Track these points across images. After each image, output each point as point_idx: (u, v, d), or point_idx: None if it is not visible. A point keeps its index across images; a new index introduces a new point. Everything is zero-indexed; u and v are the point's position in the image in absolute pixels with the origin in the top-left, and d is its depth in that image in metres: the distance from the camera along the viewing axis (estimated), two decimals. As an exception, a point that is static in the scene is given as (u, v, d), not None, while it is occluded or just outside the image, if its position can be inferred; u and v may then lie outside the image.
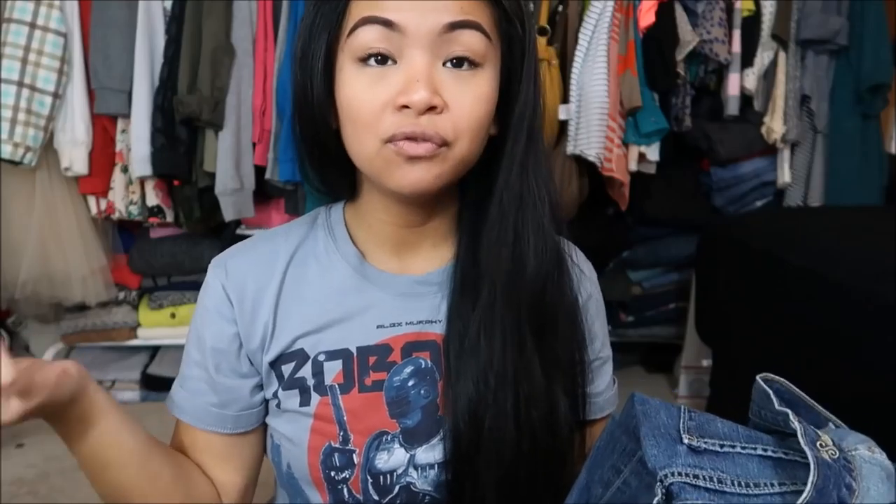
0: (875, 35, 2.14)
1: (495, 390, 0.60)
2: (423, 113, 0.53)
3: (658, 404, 0.48)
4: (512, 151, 0.61)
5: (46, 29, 1.82)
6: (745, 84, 2.14)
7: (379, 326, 0.64)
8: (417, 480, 0.63)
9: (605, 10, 1.95)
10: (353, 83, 0.55)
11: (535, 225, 0.61)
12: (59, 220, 1.98)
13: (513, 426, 0.60)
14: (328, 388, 0.62)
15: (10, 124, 1.79)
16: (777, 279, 1.59)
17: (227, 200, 1.92)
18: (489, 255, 0.62)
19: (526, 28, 0.59)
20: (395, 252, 0.66)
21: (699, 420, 0.48)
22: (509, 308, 0.61)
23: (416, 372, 0.64)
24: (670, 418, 0.47)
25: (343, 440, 0.62)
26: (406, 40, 0.53)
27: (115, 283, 2.16)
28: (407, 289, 0.65)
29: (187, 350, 0.67)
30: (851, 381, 1.28)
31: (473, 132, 0.56)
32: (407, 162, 0.55)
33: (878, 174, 2.25)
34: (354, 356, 0.63)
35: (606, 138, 1.93)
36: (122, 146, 1.96)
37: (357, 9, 0.55)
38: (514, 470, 0.60)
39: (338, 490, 0.63)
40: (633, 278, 2.40)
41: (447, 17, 0.53)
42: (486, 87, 0.56)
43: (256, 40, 1.94)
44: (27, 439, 1.99)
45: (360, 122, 0.55)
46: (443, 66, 0.55)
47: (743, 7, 2.12)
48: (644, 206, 2.21)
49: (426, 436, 0.63)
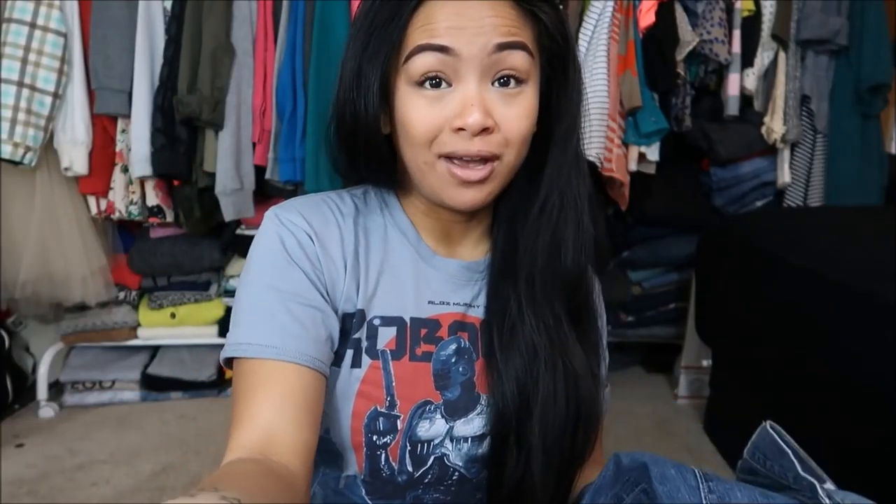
0: (875, 35, 2.14)
1: (545, 361, 0.65)
2: (477, 134, 0.59)
3: (673, 472, 0.49)
4: (559, 157, 0.66)
5: (46, 29, 1.82)
6: (745, 84, 2.14)
7: (430, 302, 0.68)
8: (451, 453, 0.67)
9: (605, 10, 1.95)
10: (412, 104, 0.60)
11: (575, 224, 0.66)
12: (59, 220, 1.98)
13: (563, 394, 0.65)
14: (380, 353, 0.65)
15: (10, 124, 1.79)
16: (777, 279, 1.59)
17: (227, 200, 1.92)
18: (527, 247, 0.67)
19: (568, 41, 0.64)
20: (443, 240, 0.71)
21: (719, 492, 0.48)
22: (546, 293, 0.66)
23: (458, 350, 0.68)
24: (691, 494, 0.47)
25: (389, 405, 0.64)
26: (459, 62, 0.58)
27: (115, 283, 2.16)
28: (455, 272, 0.70)
29: (254, 294, 0.62)
30: (851, 381, 1.28)
31: (520, 144, 0.62)
32: (461, 184, 0.61)
33: (878, 174, 2.25)
34: (408, 325, 0.67)
35: (606, 138, 1.93)
36: (122, 146, 1.96)
37: (413, 34, 0.59)
38: (562, 435, 0.65)
39: (376, 455, 0.65)
40: (633, 278, 2.40)
41: (496, 38, 0.58)
42: (529, 102, 0.62)
43: (256, 40, 1.94)
44: (27, 439, 1.99)
45: (418, 140, 0.60)
46: (491, 85, 0.60)
47: (743, 7, 2.12)
48: (644, 206, 2.21)
49: (465, 410, 0.67)
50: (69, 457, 1.90)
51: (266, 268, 0.62)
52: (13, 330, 2.31)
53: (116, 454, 1.92)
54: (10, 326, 2.30)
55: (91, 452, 1.92)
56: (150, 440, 1.98)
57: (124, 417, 2.14)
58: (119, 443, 1.97)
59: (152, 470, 1.83)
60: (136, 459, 1.89)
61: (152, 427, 2.07)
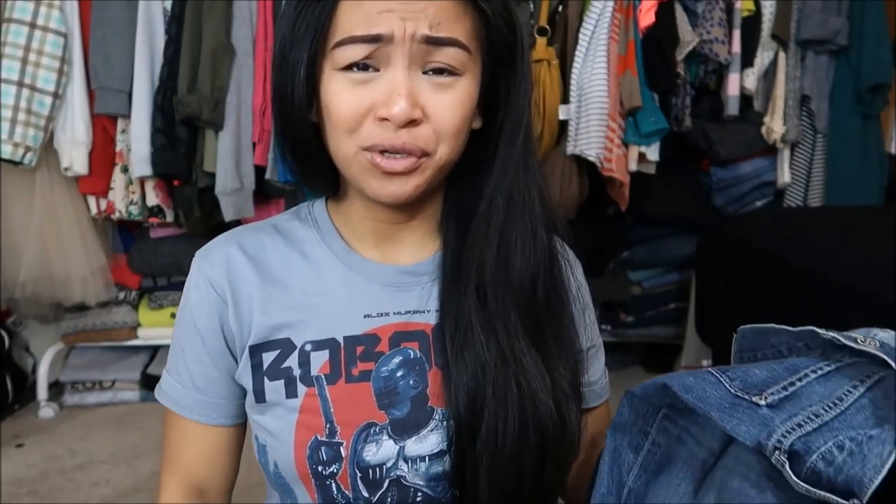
0: (875, 35, 2.14)
1: (494, 381, 0.59)
2: (402, 126, 0.54)
3: (692, 380, 0.48)
4: (505, 153, 0.62)
5: (46, 29, 1.82)
6: (745, 84, 2.14)
7: (366, 316, 0.64)
8: (408, 473, 0.62)
9: (605, 10, 1.95)
10: (336, 89, 0.56)
11: (523, 226, 0.62)
12: (59, 220, 1.98)
13: (516, 417, 0.59)
14: (314, 379, 0.62)
15: (10, 124, 1.79)
16: (777, 279, 1.59)
17: (227, 200, 1.92)
18: (474, 253, 0.62)
19: (515, 30, 0.59)
20: (380, 245, 0.66)
21: (740, 378, 0.47)
22: (498, 305, 0.61)
23: (404, 362, 0.63)
24: (717, 389, 0.47)
25: (330, 433, 0.61)
26: (387, 47, 0.54)
27: (115, 283, 2.17)
28: (394, 279, 0.65)
29: (175, 342, 0.68)
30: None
31: (452, 139, 0.58)
32: (384, 175, 0.56)
33: (878, 174, 2.25)
34: (341, 346, 0.62)
35: (606, 138, 1.93)
36: (122, 146, 1.96)
37: (342, 16, 0.55)
38: (516, 461, 0.59)
39: (326, 486, 0.62)
40: (633, 278, 2.40)
41: (425, 28, 0.54)
42: (464, 93, 0.57)
43: (256, 40, 1.94)
44: (27, 439, 1.99)
45: (340, 127, 0.56)
46: (423, 73, 0.56)
47: (743, 7, 2.12)
48: (644, 206, 2.21)
49: (416, 427, 0.62)
50: (69, 457, 1.90)
51: (181, 324, 0.67)
52: (13, 330, 2.31)
53: (116, 454, 1.92)
54: (10, 326, 2.30)
55: (91, 452, 1.93)
56: (150, 440, 1.98)
57: (124, 417, 2.15)
58: (119, 443, 1.97)
59: (152, 470, 1.83)
60: (136, 459, 1.89)
61: (152, 427, 2.07)
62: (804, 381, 0.45)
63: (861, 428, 0.41)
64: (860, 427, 0.41)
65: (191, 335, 0.65)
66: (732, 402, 0.45)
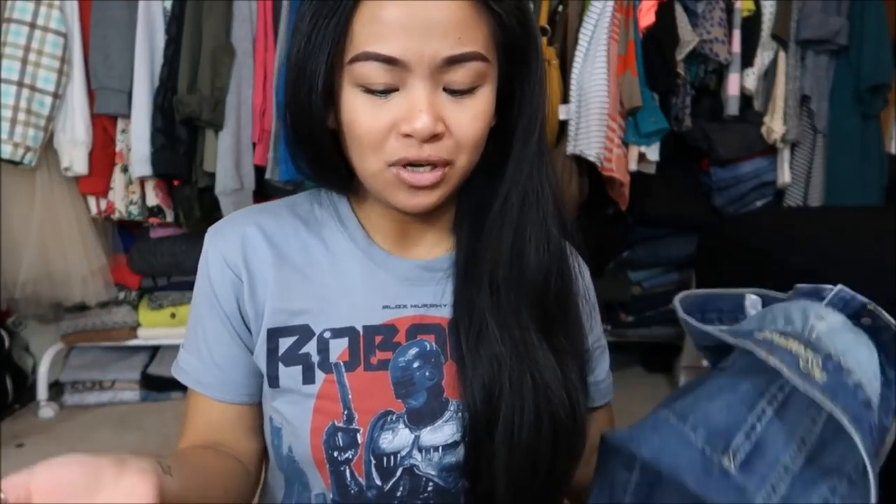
0: (875, 35, 2.14)
1: (509, 375, 0.61)
2: (426, 141, 0.55)
3: (652, 435, 0.48)
4: (520, 152, 0.63)
5: (46, 29, 1.82)
6: (745, 84, 2.14)
7: (384, 307, 0.65)
8: (421, 463, 0.63)
9: (605, 10, 1.95)
10: (356, 107, 0.56)
11: (537, 223, 0.63)
12: (59, 220, 1.98)
13: (532, 409, 0.60)
14: (333, 366, 0.63)
15: (10, 124, 1.79)
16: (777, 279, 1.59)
17: (227, 200, 1.92)
18: (489, 249, 0.63)
19: (528, 28, 0.60)
20: (398, 241, 0.67)
21: (703, 423, 0.47)
22: (511, 301, 0.62)
23: (420, 354, 0.64)
24: (685, 447, 0.47)
25: (347, 419, 0.62)
26: (406, 73, 0.55)
27: (115, 283, 2.17)
28: (411, 273, 0.66)
29: (193, 320, 0.69)
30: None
31: (472, 148, 0.59)
32: (410, 189, 0.58)
33: (878, 174, 2.25)
34: (361, 335, 0.64)
35: (606, 138, 1.93)
36: (122, 146, 1.96)
37: (357, 30, 0.54)
38: (531, 453, 0.61)
39: (340, 472, 0.62)
40: (633, 278, 2.40)
41: (446, 49, 0.54)
42: (484, 103, 0.58)
43: (256, 40, 1.94)
44: (27, 439, 2.00)
45: (364, 145, 0.57)
46: (443, 90, 0.56)
47: (743, 7, 2.12)
48: (644, 206, 2.21)
49: (431, 417, 0.63)
50: (69, 457, 1.90)
51: (200, 301, 0.67)
52: (13, 330, 2.32)
53: (116, 454, 1.92)
54: (10, 326, 2.30)
55: (91, 452, 1.93)
56: (150, 440, 1.98)
57: (124, 417, 2.15)
58: (119, 443, 1.97)
59: (152, 470, 1.83)
60: (136, 459, 1.89)
61: (152, 427, 2.07)
62: (763, 420, 0.45)
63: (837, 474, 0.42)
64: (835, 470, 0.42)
65: (210, 312, 0.66)
66: (704, 464, 0.45)
